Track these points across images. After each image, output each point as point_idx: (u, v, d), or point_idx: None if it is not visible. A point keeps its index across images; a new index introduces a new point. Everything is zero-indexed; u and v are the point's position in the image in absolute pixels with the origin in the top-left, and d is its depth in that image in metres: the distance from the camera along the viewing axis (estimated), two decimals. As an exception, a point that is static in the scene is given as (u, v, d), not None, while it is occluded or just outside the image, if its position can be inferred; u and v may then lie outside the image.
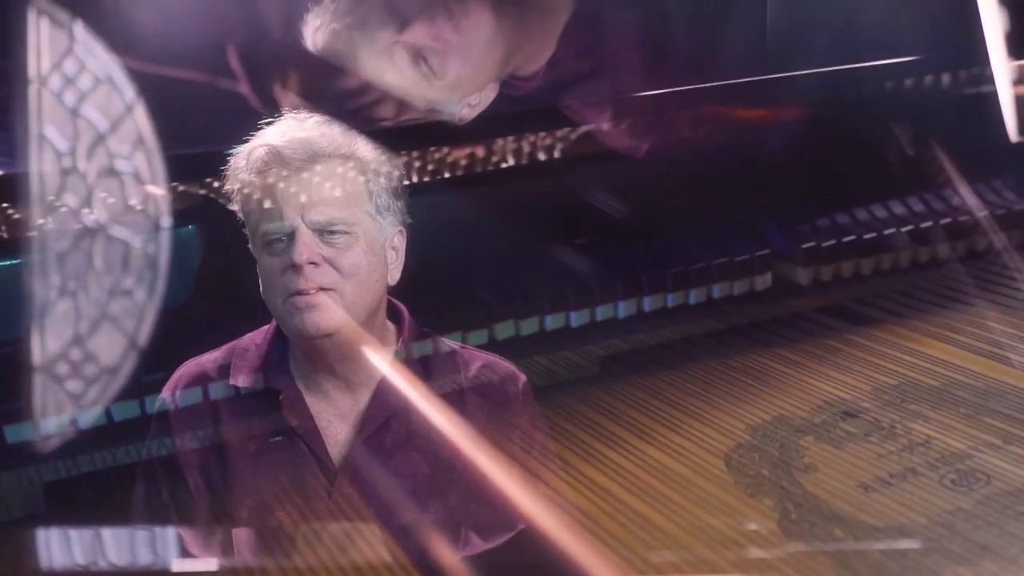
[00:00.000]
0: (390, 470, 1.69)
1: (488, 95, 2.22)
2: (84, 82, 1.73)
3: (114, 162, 1.75)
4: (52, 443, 1.80)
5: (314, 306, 1.61)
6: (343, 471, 1.68)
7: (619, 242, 2.56)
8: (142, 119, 1.76)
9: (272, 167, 1.63)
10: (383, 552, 1.65)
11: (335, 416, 1.71)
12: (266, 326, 1.76)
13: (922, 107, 2.74)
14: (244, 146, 1.69)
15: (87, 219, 1.74)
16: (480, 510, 1.70)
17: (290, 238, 1.62)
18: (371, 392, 1.71)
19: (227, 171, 1.69)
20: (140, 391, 1.93)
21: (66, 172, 1.72)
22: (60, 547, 1.73)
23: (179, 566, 1.69)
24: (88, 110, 1.74)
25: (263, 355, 1.73)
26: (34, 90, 1.70)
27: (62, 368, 1.72)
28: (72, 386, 1.73)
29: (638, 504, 1.82)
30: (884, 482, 1.85)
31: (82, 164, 1.73)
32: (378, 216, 1.68)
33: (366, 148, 1.69)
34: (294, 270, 1.61)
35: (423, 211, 1.79)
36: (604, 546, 1.70)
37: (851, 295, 2.63)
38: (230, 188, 1.69)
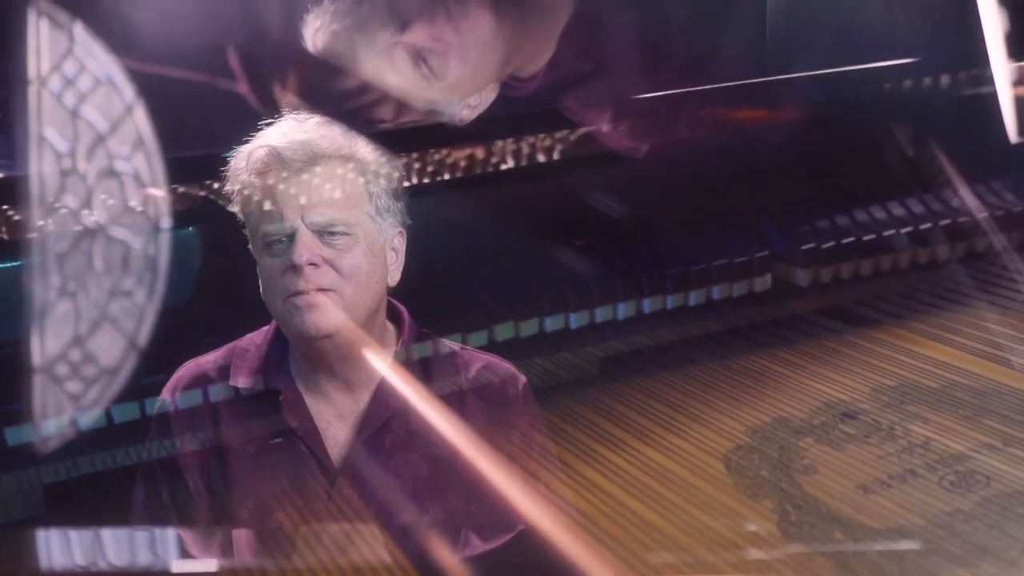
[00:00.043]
0: (390, 471, 1.69)
1: (488, 96, 2.22)
2: (84, 83, 1.73)
3: (114, 163, 1.74)
4: (52, 445, 1.79)
5: (314, 307, 1.61)
6: (343, 472, 1.68)
7: (618, 243, 2.56)
8: (142, 120, 1.76)
9: (272, 168, 1.63)
10: (383, 553, 1.65)
11: (335, 417, 1.71)
12: (266, 327, 1.76)
13: (922, 108, 2.74)
14: (244, 147, 1.69)
15: (87, 220, 1.74)
16: (480, 511, 1.70)
17: (290, 239, 1.62)
18: (371, 393, 1.71)
19: (227, 172, 1.69)
20: (140, 393, 1.93)
21: (66, 173, 1.72)
22: (60, 549, 1.73)
23: (179, 567, 1.69)
24: (88, 111, 1.73)
25: (263, 356, 1.73)
26: (34, 91, 1.70)
27: (62, 370, 1.72)
28: (72, 387, 1.73)
29: (637, 506, 1.82)
30: (883, 484, 1.85)
31: (82, 165, 1.73)
32: (378, 217, 1.68)
33: (366, 149, 1.70)
34: (294, 271, 1.61)
35: (423, 213, 1.79)
36: (603, 547, 1.70)
37: (850, 296, 2.63)
38: (230, 189, 1.69)
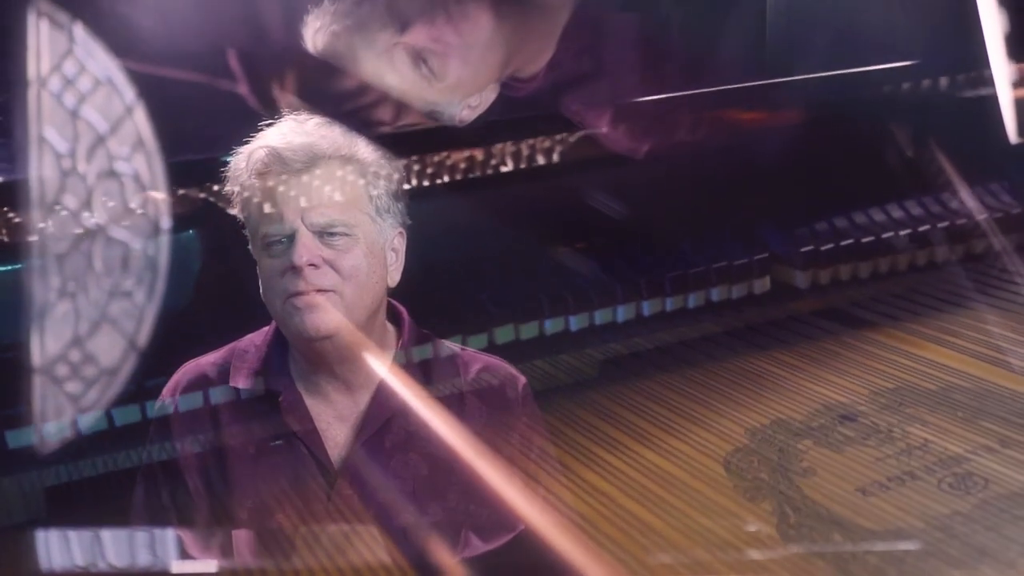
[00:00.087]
0: (390, 472, 1.69)
1: (488, 97, 2.22)
2: (84, 83, 1.72)
3: (114, 164, 1.74)
4: (53, 448, 1.79)
5: (313, 307, 1.61)
6: (343, 473, 1.68)
7: (618, 246, 2.56)
8: (142, 121, 1.76)
9: (272, 169, 1.63)
10: (382, 554, 1.65)
11: (335, 418, 1.71)
12: (265, 327, 1.76)
13: (921, 110, 2.74)
14: (244, 148, 1.69)
15: (87, 221, 1.73)
16: (479, 512, 1.70)
17: (290, 240, 1.62)
18: (371, 394, 1.71)
19: (227, 173, 1.69)
20: (142, 396, 1.93)
21: (66, 174, 1.72)
22: (61, 551, 1.73)
23: (179, 568, 1.69)
24: (88, 112, 1.73)
25: (263, 357, 1.73)
26: (34, 92, 1.70)
27: (63, 371, 1.72)
28: (73, 389, 1.73)
29: (636, 508, 1.82)
30: (882, 486, 1.85)
31: (82, 166, 1.73)
32: (378, 218, 1.68)
33: (366, 150, 1.69)
34: (294, 272, 1.61)
35: (423, 215, 1.79)
36: (602, 549, 1.70)
37: (849, 299, 2.63)
38: (230, 190, 1.69)
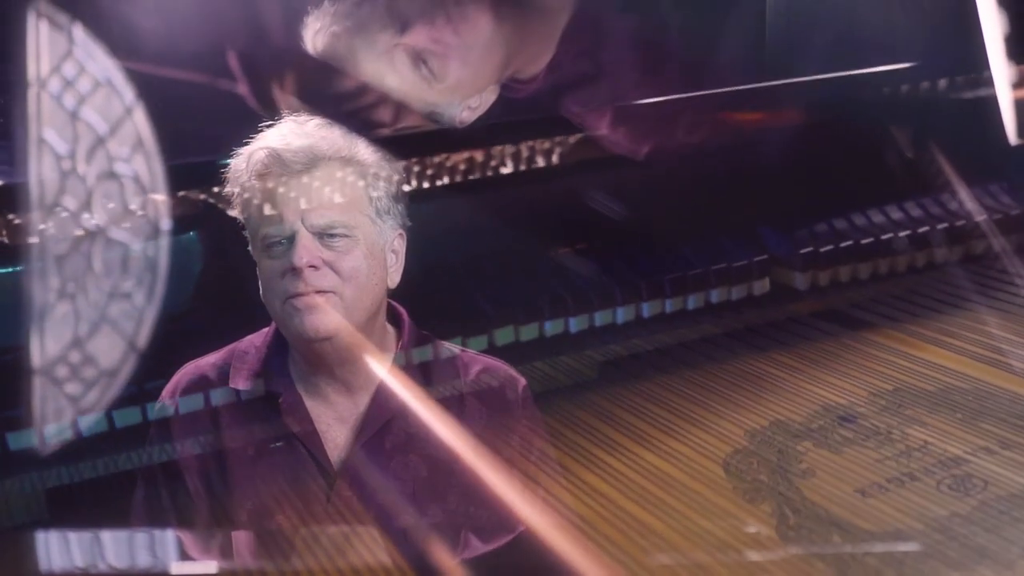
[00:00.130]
0: (389, 473, 1.69)
1: (488, 98, 2.22)
2: (83, 85, 1.72)
3: (114, 165, 1.74)
4: (54, 449, 1.79)
5: (313, 309, 1.61)
6: (342, 474, 1.68)
7: (618, 247, 2.56)
8: (141, 122, 1.76)
9: (272, 171, 1.63)
10: (382, 555, 1.65)
11: (334, 419, 1.71)
12: (265, 329, 1.76)
13: (921, 111, 2.74)
14: (244, 149, 1.69)
15: (87, 223, 1.73)
16: (479, 513, 1.70)
17: (290, 241, 1.62)
18: (371, 395, 1.71)
19: (227, 174, 1.69)
20: (142, 398, 1.93)
21: (66, 175, 1.72)
22: (62, 552, 1.73)
23: (179, 569, 1.69)
24: (87, 113, 1.73)
25: (262, 358, 1.73)
26: (33, 93, 1.70)
27: (64, 374, 1.72)
28: (73, 390, 1.73)
29: (636, 509, 1.82)
30: (881, 487, 1.85)
31: (82, 167, 1.73)
32: (378, 219, 1.68)
33: (366, 151, 1.70)
34: (294, 273, 1.61)
35: (423, 216, 1.79)
36: (602, 551, 1.70)
37: (848, 300, 2.62)
38: (230, 191, 1.69)
